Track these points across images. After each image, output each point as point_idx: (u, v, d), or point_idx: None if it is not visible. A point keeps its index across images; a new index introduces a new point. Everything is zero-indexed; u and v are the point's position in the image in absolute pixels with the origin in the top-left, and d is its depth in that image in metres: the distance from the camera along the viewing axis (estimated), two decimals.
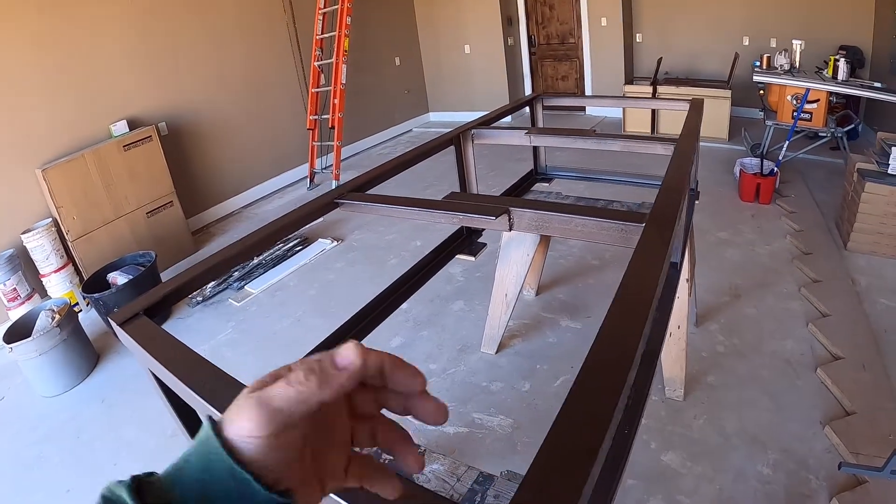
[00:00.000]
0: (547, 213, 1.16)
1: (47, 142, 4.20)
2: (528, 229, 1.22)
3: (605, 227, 1.06)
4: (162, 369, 0.89)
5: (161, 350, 0.92)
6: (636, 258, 0.85)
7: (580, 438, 0.57)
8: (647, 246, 0.89)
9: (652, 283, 0.79)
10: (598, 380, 0.62)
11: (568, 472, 0.54)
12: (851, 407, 2.43)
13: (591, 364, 0.65)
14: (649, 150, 1.66)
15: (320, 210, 1.50)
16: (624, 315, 0.72)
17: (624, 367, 0.62)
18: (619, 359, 0.65)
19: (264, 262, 4.27)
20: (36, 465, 2.75)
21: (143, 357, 0.95)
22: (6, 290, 3.76)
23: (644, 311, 0.72)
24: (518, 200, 1.28)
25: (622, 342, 0.67)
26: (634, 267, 0.83)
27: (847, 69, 4.49)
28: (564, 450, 0.56)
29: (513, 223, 1.21)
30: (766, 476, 2.16)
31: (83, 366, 3.37)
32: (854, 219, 3.58)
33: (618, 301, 0.77)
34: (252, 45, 5.94)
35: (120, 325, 1.02)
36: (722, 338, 2.94)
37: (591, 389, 0.62)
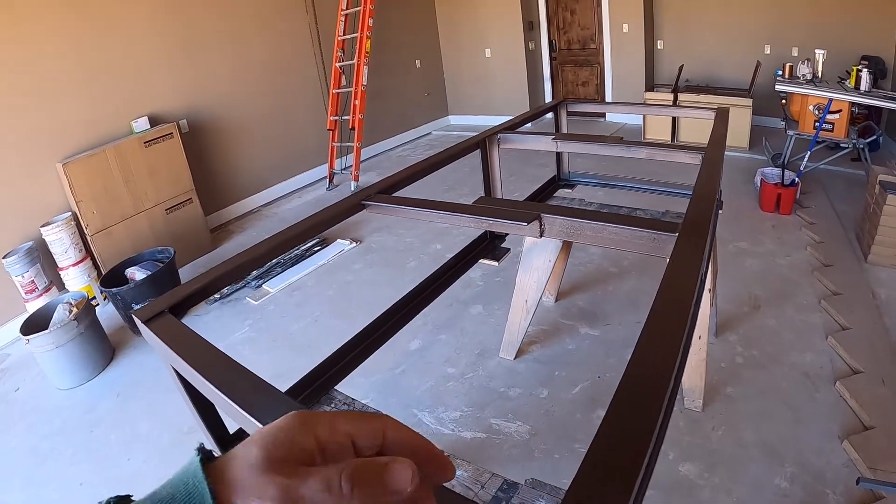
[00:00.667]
0: (578, 221, 1.15)
1: (69, 136, 4.24)
2: (559, 236, 1.22)
3: (638, 236, 1.05)
4: (186, 367, 0.90)
5: (186, 348, 0.93)
6: (671, 269, 0.85)
7: (621, 457, 0.56)
8: (682, 256, 0.88)
9: (689, 295, 0.78)
10: (637, 397, 0.61)
11: (610, 490, 0.53)
12: (870, 421, 2.39)
13: (630, 380, 0.64)
14: (676, 158, 1.65)
15: (348, 211, 1.51)
16: (662, 330, 0.71)
17: (663, 386, 0.62)
18: (658, 376, 0.64)
19: (282, 261, 4.29)
20: (49, 458, 2.76)
21: (166, 354, 0.96)
22: (24, 283, 3.79)
23: (682, 325, 0.71)
24: (548, 207, 1.28)
25: (661, 358, 0.66)
26: (669, 279, 0.82)
27: (870, 79, 4.44)
28: (605, 467, 0.56)
29: (544, 230, 1.20)
30: (784, 489, 2.14)
31: (99, 360, 3.39)
32: (875, 231, 3.53)
33: (655, 314, 0.76)
34: (274, 45, 5.98)
35: (144, 323, 1.03)
36: (741, 349, 2.91)
37: (632, 406, 0.61)
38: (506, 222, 1.20)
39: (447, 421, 2.64)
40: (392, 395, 2.87)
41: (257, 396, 0.79)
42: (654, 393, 0.61)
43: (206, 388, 0.87)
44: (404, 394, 2.87)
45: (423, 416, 2.69)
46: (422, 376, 2.98)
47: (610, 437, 0.58)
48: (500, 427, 2.56)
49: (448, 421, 2.64)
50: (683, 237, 0.95)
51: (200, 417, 1.18)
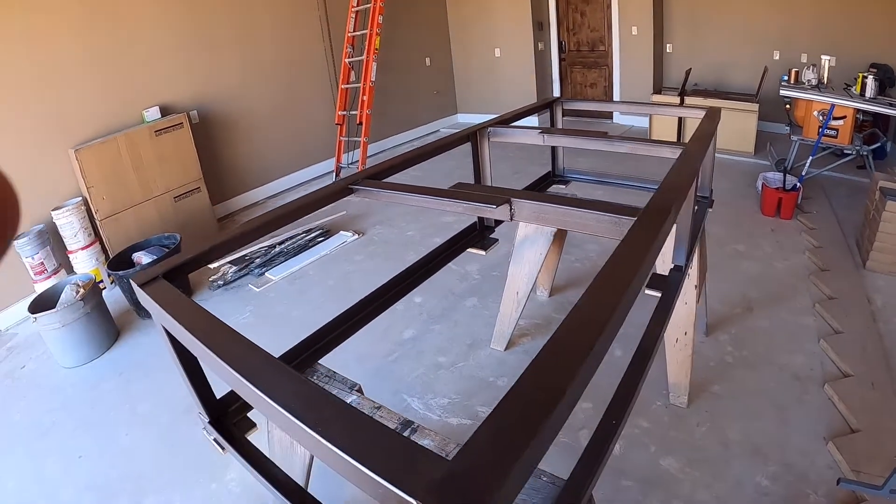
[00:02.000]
0: (546, 205, 1.21)
1: (81, 123, 4.34)
2: (528, 219, 1.27)
3: (600, 220, 1.10)
4: (176, 325, 0.96)
5: (176, 309, 0.99)
6: (622, 246, 0.90)
7: (539, 400, 0.62)
8: (634, 238, 0.93)
9: (632, 270, 0.83)
10: (564, 348, 0.66)
11: (523, 424, 0.58)
12: (857, 425, 2.41)
13: (559, 334, 0.69)
14: (658, 153, 1.69)
15: (336, 194, 1.57)
16: (599, 293, 0.76)
17: (591, 338, 0.66)
18: (588, 330, 0.69)
19: (286, 250, 4.36)
20: (51, 432, 2.85)
21: (159, 314, 1.03)
22: (34, 264, 3.88)
23: (620, 292, 0.76)
24: (519, 192, 1.32)
25: (594, 317, 0.71)
26: (619, 254, 0.87)
27: (875, 87, 4.45)
28: (522, 407, 0.61)
29: (513, 213, 1.25)
30: (765, 487, 2.16)
31: (103, 340, 3.48)
32: (874, 237, 3.53)
33: (597, 280, 0.81)
34: (285, 40, 6.06)
35: (140, 286, 1.10)
36: (731, 348, 2.94)
37: (558, 355, 0.66)
38: (478, 205, 1.26)
39: (435, 407, 2.70)
40: (384, 381, 2.93)
41: (243, 353, 0.84)
42: (576, 351, 0.66)
43: (194, 345, 0.93)
44: (396, 380, 2.93)
45: (413, 401, 2.75)
46: (414, 364, 3.04)
47: (527, 387, 0.63)
48: (487, 414, 2.60)
49: (436, 407, 2.70)
50: (640, 221, 1.00)
51: (189, 381, 1.25)
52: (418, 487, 0.51)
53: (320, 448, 0.61)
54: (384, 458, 0.56)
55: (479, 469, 0.52)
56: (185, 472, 2.49)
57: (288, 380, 0.74)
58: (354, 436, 0.60)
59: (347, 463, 0.57)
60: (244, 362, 0.80)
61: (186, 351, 1.22)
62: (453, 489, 0.50)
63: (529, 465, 0.55)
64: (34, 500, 2.44)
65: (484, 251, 2.01)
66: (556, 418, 0.60)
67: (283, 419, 0.67)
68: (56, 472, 2.57)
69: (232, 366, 0.79)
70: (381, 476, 0.53)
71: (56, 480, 2.53)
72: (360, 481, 0.57)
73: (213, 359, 0.84)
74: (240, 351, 0.84)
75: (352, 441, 0.59)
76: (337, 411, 0.65)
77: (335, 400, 0.68)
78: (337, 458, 0.58)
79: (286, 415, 0.66)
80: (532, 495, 1.08)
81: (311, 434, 0.62)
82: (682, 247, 1.72)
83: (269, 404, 0.69)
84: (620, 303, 0.75)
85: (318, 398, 0.68)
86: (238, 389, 0.82)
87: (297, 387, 0.72)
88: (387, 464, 0.55)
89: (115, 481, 2.49)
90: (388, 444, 0.59)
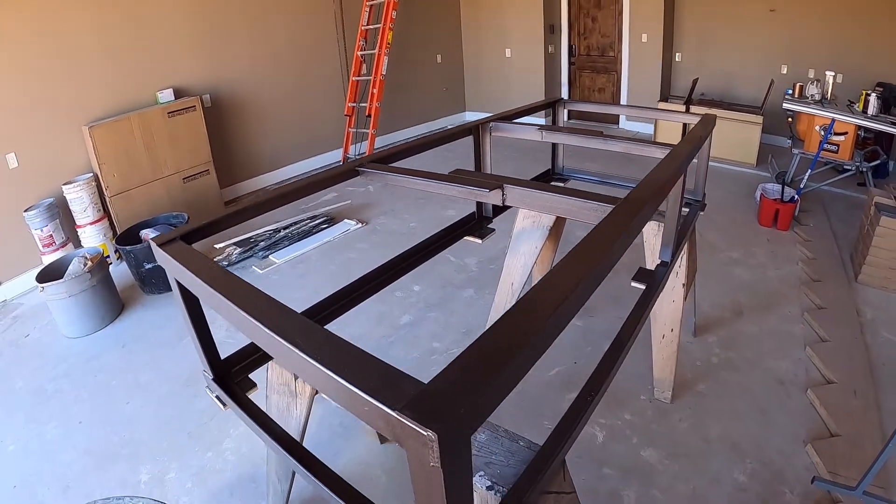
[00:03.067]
0: (535, 191, 1.29)
1: (96, 101, 4.43)
2: (518, 204, 1.35)
3: (584, 207, 1.18)
4: (193, 279, 1.04)
5: (194, 264, 1.08)
6: (597, 228, 0.98)
7: (505, 344, 0.70)
8: (610, 221, 1.01)
9: (604, 248, 0.91)
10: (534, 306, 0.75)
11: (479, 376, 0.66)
12: (837, 430, 2.47)
13: (531, 294, 0.77)
14: (649, 153, 1.77)
15: (343, 175, 1.65)
16: (571, 264, 0.84)
17: (556, 300, 0.74)
18: (556, 292, 0.77)
19: (290, 235, 4.45)
20: (53, 398, 2.93)
21: (175, 269, 1.12)
22: (43, 236, 3.97)
23: (589, 265, 0.84)
24: (512, 179, 1.40)
25: (562, 283, 0.79)
26: (594, 234, 0.96)
27: (878, 104, 4.50)
28: (491, 350, 0.69)
29: (505, 198, 1.34)
30: (742, 483, 2.23)
31: (108, 312, 3.56)
32: (867, 252, 3.59)
33: (571, 253, 0.90)
34: (299, 30, 6.15)
35: (159, 246, 1.19)
36: (718, 350, 3.01)
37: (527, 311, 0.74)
38: (473, 189, 1.34)
39: None
40: None
41: (254, 299, 0.93)
42: (543, 310, 0.74)
43: (208, 294, 1.01)
44: (391, 362, 2.93)
45: None
46: (409, 348, 3.13)
47: (492, 339, 0.72)
48: None
49: None
50: (618, 209, 1.08)
51: (197, 338, 1.33)
52: (398, 402, 0.59)
53: (318, 375, 0.70)
54: (371, 381, 0.65)
55: (449, 390, 0.61)
56: (183, 441, 2.58)
57: (292, 320, 0.82)
58: (347, 364, 0.69)
59: (340, 385, 0.65)
60: (255, 306, 0.88)
61: (197, 309, 1.31)
62: (426, 403, 0.59)
63: (493, 394, 0.63)
64: (33, 462, 2.52)
65: (480, 240, 2.09)
66: (520, 360, 0.68)
67: (287, 353, 0.76)
68: (56, 437, 2.66)
69: (244, 309, 0.88)
70: (368, 394, 0.62)
71: (56, 444, 2.61)
72: (351, 401, 0.65)
73: (226, 303, 0.92)
74: (251, 298, 0.93)
75: (345, 368, 0.68)
76: (334, 346, 0.74)
77: (333, 337, 0.76)
78: (331, 381, 0.67)
79: (291, 349, 0.74)
80: (509, 458, 1.16)
81: (311, 363, 0.70)
82: (668, 244, 1.80)
83: (277, 340, 0.77)
84: (589, 274, 0.83)
85: (317, 334, 0.77)
86: (250, 331, 0.90)
87: (300, 325, 0.80)
88: (373, 384, 0.64)
89: (114, 447, 2.57)
90: (376, 371, 0.68)
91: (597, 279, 0.91)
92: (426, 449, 0.57)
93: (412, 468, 0.64)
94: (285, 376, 1.49)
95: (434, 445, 0.55)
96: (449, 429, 0.56)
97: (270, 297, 0.94)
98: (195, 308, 1.31)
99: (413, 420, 0.56)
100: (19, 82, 3.98)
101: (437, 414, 0.57)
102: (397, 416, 0.58)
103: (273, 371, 1.54)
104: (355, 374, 0.66)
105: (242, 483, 2.33)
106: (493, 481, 1.10)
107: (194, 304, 1.31)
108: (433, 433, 0.54)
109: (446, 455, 0.57)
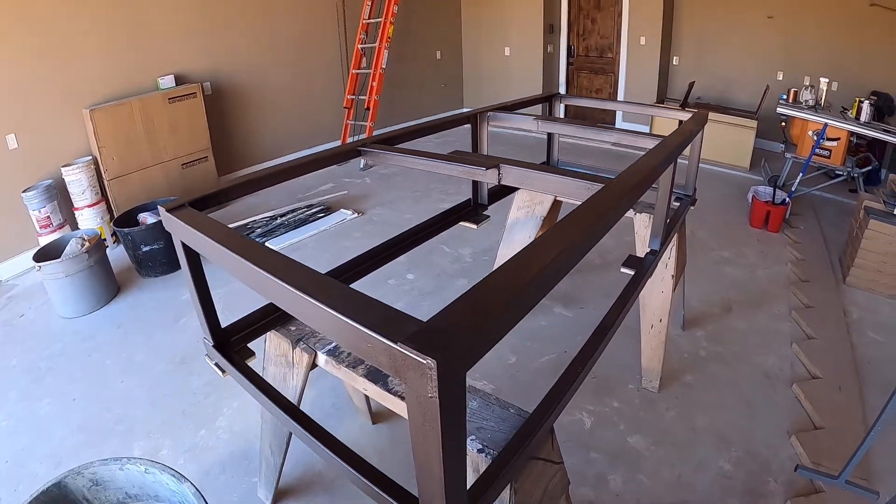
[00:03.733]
0: (530, 171, 1.34)
1: (98, 85, 4.44)
2: (514, 183, 1.40)
3: (575, 186, 1.23)
4: (203, 238, 1.09)
5: (203, 226, 1.12)
6: (586, 202, 1.03)
7: (499, 289, 0.75)
8: (598, 197, 1.06)
9: (592, 217, 0.96)
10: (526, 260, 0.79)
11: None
12: (821, 423, 2.53)
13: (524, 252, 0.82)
14: (640, 143, 1.82)
15: (346, 154, 1.69)
16: (561, 229, 0.89)
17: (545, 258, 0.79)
18: (545, 251, 0.81)
19: (287, 222, 4.48)
20: (47, 376, 2.95)
21: (184, 232, 1.16)
22: (40, 217, 3.98)
23: (577, 231, 0.89)
24: (508, 160, 1.45)
25: (552, 244, 0.84)
26: (583, 207, 1.00)
27: (870, 112, 4.58)
28: (487, 293, 0.74)
29: (501, 177, 1.39)
30: (727, 471, 2.28)
31: (104, 294, 3.58)
32: (856, 254, 3.65)
33: (563, 220, 0.94)
34: (301, 21, 6.18)
35: (168, 212, 1.23)
36: (707, 344, 3.07)
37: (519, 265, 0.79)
38: (471, 168, 1.38)
39: None
40: None
41: (262, 255, 0.97)
42: (532, 265, 0.79)
43: (217, 251, 1.05)
44: None
45: None
46: None
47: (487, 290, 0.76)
48: (467, 383, 2.73)
49: None
50: (607, 188, 1.14)
51: (200, 305, 1.37)
52: (399, 335, 0.64)
53: (326, 318, 0.74)
54: (375, 319, 0.69)
55: (447, 327, 0.66)
56: (177, 419, 2.61)
57: (297, 269, 0.87)
58: (352, 305, 0.73)
59: (345, 324, 0.70)
60: (265, 259, 0.93)
61: (201, 276, 1.35)
62: (426, 336, 0.63)
63: (487, 333, 0.68)
64: (26, 439, 2.54)
65: (475, 225, 2.13)
66: (514, 305, 0.73)
67: (294, 299, 0.80)
68: (50, 414, 2.68)
69: (254, 263, 0.92)
70: (372, 330, 0.66)
71: (49, 421, 2.63)
72: (355, 339, 0.70)
73: (235, 258, 0.97)
74: (260, 252, 0.97)
75: (350, 308, 0.72)
76: (339, 290, 0.78)
77: (337, 284, 0.81)
78: (337, 321, 0.71)
79: (298, 294, 0.79)
80: (499, 423, 1.20)
81: (317, 305, 0.75)
82: (657, 234, 1.85)
83: (283, 287, 0.82)
84: (576, 240, 0.88)
85: (325, 283, 0.81)
86: (259, 283, 0.94)
87: (306, 273, 0.85)
88: (377, 322, 0.68)
89: (107, 423, 2.60)
90: (378, 311, 0.73)
91: (582, 247, 0.95)
92: (425, 379, 0.61)
93: (409, 404, 0.68)
94: (283, 347, 1.52)
95: (433, 374, 0.59)
96: (447, 359, 0.60)
97: (276, 252, 0.98)
98: (199, 275, 1.35)
99: (414, 350, 0.61)
100: (21, 64, 3.99)
101: (436, 345, 0.61)
102: (399, 348, 0.63)
103: (271, 342, 1.58)
104: (360, 314, 0.71)
105: (235, 459, 2.36)
106: (484, 445, 1.14)
107: (199, 271, 1.35)
108: (432, 360, 0.59)
109: (444, 386, 0.61)
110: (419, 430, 0.68)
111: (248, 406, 2.63)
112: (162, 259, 3.86)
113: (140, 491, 1.50)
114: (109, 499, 1.50)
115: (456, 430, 0.68)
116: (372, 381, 1.28)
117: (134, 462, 1.47)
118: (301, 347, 1.46)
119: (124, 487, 1.50)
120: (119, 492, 1.50)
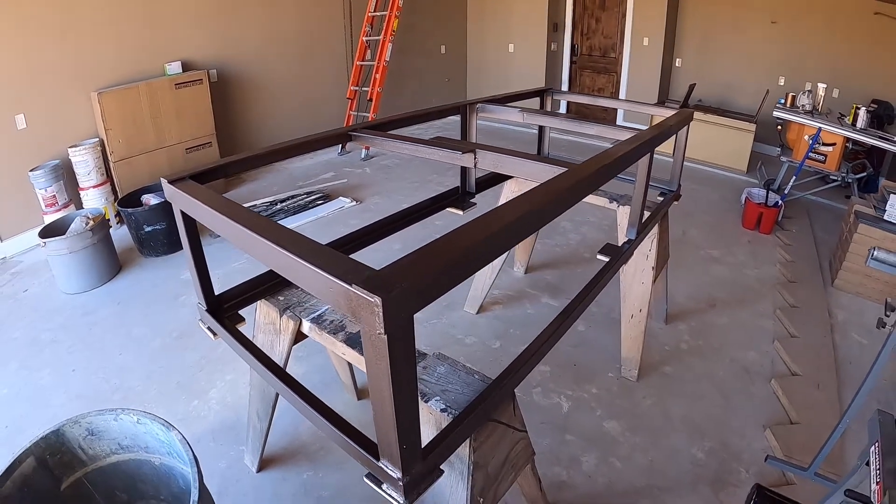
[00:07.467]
0: (504, 156, 1.44)
1: (106, 69, 4.53)
2: (489, 166, 1.49)
3: (545, 170, 1.32)
4: (203, 207, 1.18)
5: (204, 196, 1.22)
6: (545, 182, 1.12)
7: (447, 249, 0.84)
8: (556, 179, 1.15)
9: (539, 198, 1.05)
10: (479, 227, 0.88)
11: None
12: (797, 418, 2.59)
13: (479, 219, 0.91)
14: (617, 135, 1.90)
15: (338, 138, 1.79)
16: (516, 203, 0.98)
17: (497, 225, 0.89)
18: (497, 219, 0.91)
19: (286, 208, 4.58)
20: (48, 348, 3.05)
21: (184, 202, 1.25)
22: (46, 196, 4.07)
23: (528, 203, 0.98)
24: (485, 145, 1.55)
25: (504, 214, 0.94)
26: (537, 188, 1.10)
27: (867, 118, 4.63)
28: (435, 251, 0.83)
29: (477, 161, 1.48)
30: (699, 460, 2.35)
31: (106, 271, 3.68)
32: (844, 258, 3.70)
33: (518, 197, 1.03)
34: (307, 12, 6.26)
35: (170, 183, 1.32)
36: (688, 337, 3.14)
37: (472, 230, 0.88)
38: (450, 152, 1.48)
39: None
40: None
41: (257, 221, 1.06)
42: (482, 231, 0.88)
43: (216, 218, 1.14)
44: None
45: None
46: None
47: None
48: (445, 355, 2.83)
49: None
50: (567, 172, 1.23)
51: (196, 271, 1.46)
52: (355, 280, 0.73)
53: (299, 268, 0.84)
54: (339, 268, 0.79)
55: (395, 272, 0.75)
56: (172, 389, 2.71)
57: (281, 231, 0.98)
58: (321, 258, 0.83)
59: (314, 272, 0.80)
60: (255, 222, 1.03)
61: (198, 244, 1.45)
62: (375, 278, 0.73)
63: (430, 279, 0.78)
64: (25, 406, 2.63)
65: (462, 211, 2.22)
66: (457, 262, 0.82)
67: (276, 255, 0.91)
68: (49, 383, 2.78)
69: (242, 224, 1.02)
70: (335, 276, 0.76)
71: (48, 390, 2.73)
72: (322, 285, 0.80)
73: (230, 223, 1.07)
74: (251, 217, 1.07)
75: (320, 261, 0.82)
76: (312, 247, 0.89)
77: (311, 242, 0.91)
78: (307, 270, 0.81)
79: (278, 249, 0.89)
80: (464, 388, 1.29)
81: (292, 258, 0.85)
82: (633, 224, 1.94)
83: (267, 244, 0.92)
84: (525, 212, 0.98)
85: (299, 240, 0.92)
86: (245, 242, 1.04)
87: (288, 234, 0.96)
88: (340, 271, 0.78)
89: (104, 393, 2.70)
90: (344, 263, 0.83)
91: (531, 220, 1.04)
92: (374, 317, 0.70)
93: (364, 344, 0.77)
94: (271, 315, 1.62)
95: (379, 311, 0.69)
96: (391, 297, 0.69)
97: (262, 216, 1.08)
98: (196, 242, 1.45)
99: (364, 290, 0.70)
100: (32, 46, 4.08)
101: (383, 285, 0.71)
102: (353, 290, 0.72)
103: (261, 311, 1.67)
104: (326, 264, 0.81)
105: (224, 429, 2.46)
106: (447, 405, 1.23)
107: (196, 238, 1.45)
108: (378, 298, 0.68)
109: (390, 323, 0.70)
110: (372, 366, 0.77)
111: (241, 380, 2.72)
112: (163, 239, 3.97)
113: (132, 442, 1.60)
114: (103, 449, 1.60)
115: (405, 366, 0.77)
116: (350, 346, 1.37)
117: (128, 412, 1.56)
118: (287, 315, 1.56)
119: (117, 438, 1.60)
120: (112, 443, 1.60)
